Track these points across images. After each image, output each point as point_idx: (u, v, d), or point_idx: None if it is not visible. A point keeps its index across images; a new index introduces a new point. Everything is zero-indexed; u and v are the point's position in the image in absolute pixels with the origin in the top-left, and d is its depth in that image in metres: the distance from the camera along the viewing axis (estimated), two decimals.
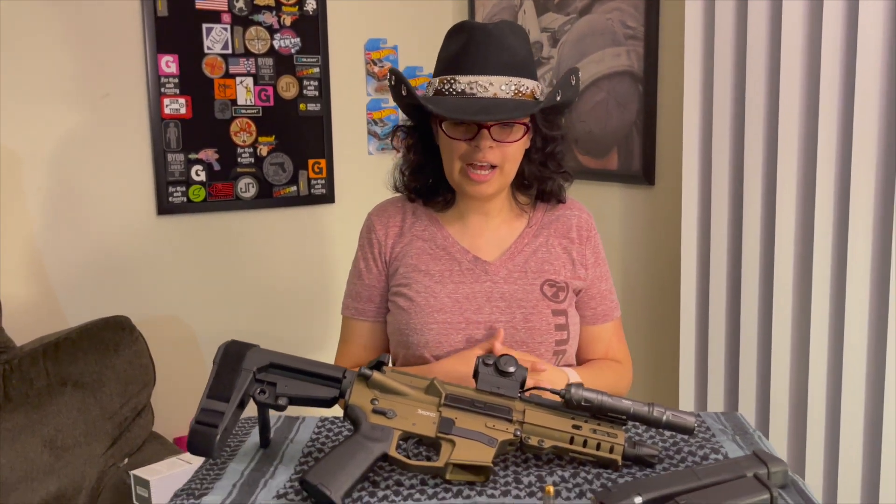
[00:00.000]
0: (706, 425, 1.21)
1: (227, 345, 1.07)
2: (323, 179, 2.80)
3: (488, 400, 1.07)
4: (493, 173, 1.38)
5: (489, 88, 1.33)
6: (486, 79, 1.33)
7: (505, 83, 1.33)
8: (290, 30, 2.68)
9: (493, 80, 1.33)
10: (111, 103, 2.46)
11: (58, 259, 2.43)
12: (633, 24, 2.30)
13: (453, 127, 1.37)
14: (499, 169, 1.38)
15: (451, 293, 1.42)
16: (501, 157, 1.37)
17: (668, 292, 2.24)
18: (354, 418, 1.04)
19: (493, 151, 1.36)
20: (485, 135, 1.34)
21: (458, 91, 1.34)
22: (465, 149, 1.37)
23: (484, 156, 1.35)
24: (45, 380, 2.04)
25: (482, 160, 1.35)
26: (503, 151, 1.37)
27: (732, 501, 0.91)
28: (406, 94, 1.38)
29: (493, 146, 1.35)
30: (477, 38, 1.35)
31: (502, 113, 1.31)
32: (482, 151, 1.35)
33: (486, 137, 1.34)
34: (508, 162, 1.39)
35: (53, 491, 1.98)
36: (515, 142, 1.37)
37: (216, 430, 1.00)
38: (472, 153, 1.36)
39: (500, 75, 1.33)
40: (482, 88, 1.33)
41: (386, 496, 0.99)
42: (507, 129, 1.36)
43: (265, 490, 1.02)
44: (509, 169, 1.40)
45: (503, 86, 1.33)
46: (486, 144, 1.34)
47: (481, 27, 1.36)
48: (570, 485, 1.01)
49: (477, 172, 1.37)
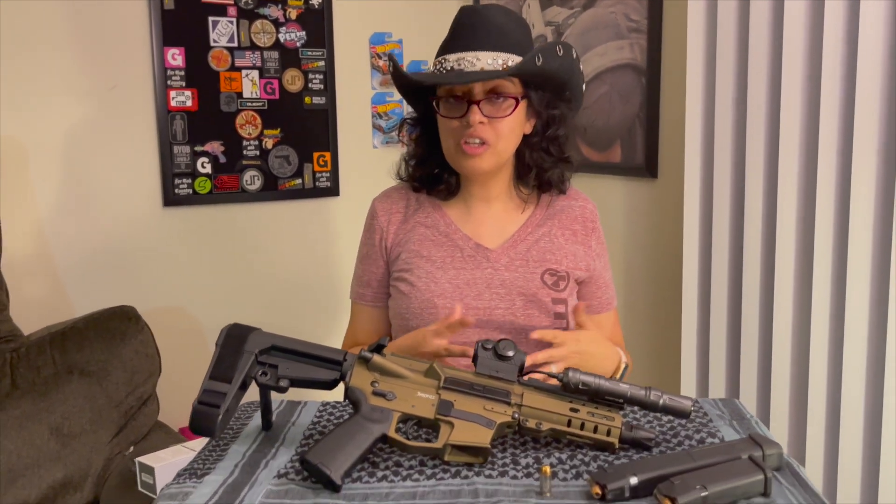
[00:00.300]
0: (703, 410, 1.22)
1: (229, 328, 1.09)
2: (328, 172, 2.81)
3: (487, 383, 1.08)
4: (485, 149, 1.39)
5: (476, 63, 1.35)
6: (472, 54, 1.35)
7: (492, 58, 1.34)
8: (296, 23, 2.70)
9: (479, 56, 1.35)
10: (118, 95, 2.48)
11: (65, 250, 2.45)
12: (637, 17, 2.30)
13: (446, 106, 1.40)
14: (492, 146, 1.39)
15: (451, 279, 1.44)
16: (494, 133, 1.38)
17: (670, 283, 2.25)
18: (355, 400, 1.06)
19: (484, 128, 1.37)
20: (474, 109, 1.36)
21: (448, 69, 1.37)
22: (458, 126, 1.39)
23: (475, 131, 1.37)
24: (52, 368, 2.05)
25: (473, 135, 1.37)
26: (495, 128, 1.38)
27: (727, 482, 0.92)
28: (394, 71, 1.42)
29: (485, 122, 1.37)
30: (464, 19, 1.39)
31: (478, 76, 1.33)
32: (473, 127, 1.36)
33: (475, 112, 1.36)
34: (501, 139, 1.39)
35: (60, 478, 2.00)
36: (505, 117, 1.38)
37: (218, 411, 1.01)
38: (463, 129, 1.38)
39: (487, 51, 1.35)
40: (469, 63, 1.35)
41: (385, 476, 1.01)
42: (496, 104, 1.38)
43: (266, 470, 1.03)
44: (503, 147, 1.41)
45: (490, 60, 1.34)
46: (475, 119, 1.36)
47: (471, 8, 1.40)
48: (567, 466, 1.02)
49: (470, 146, 1.38)
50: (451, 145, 1.41)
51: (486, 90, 1.37)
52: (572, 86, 1.46)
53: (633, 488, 0.93)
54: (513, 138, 1.42)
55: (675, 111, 2.20)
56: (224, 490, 0.98)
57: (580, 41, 2.48)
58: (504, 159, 1.44)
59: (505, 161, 1.44)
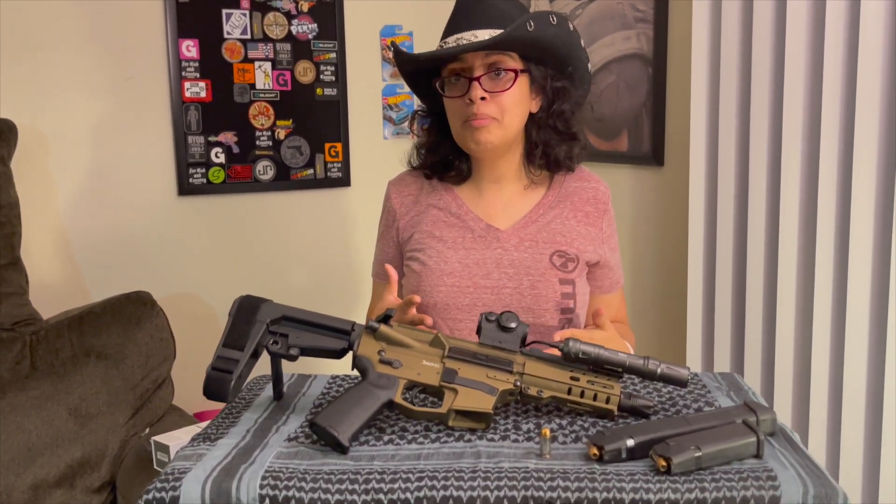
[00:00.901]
0: (702, 383, 1.25)
1: (241, 298, 1.13)
2: (339, 163, 2.86)
3: (490, 353, 1.12)
4: (491, 122, 1.41)
5: (473, 40, 1.38)
6: (470, 33, 1.39)
7: (489, 34, 1.37)
8: (308, 16, 2.74)
9: (477, 33, 1.38)
10: (134, 86, 2.53)
11: (82, 237, 2.50)
12: (643, 7, 2.33)
13: (449, 86, 1.43)
14: (498, 121, 1.42)
15: (462, 258, 1.47)
16: (498, 109, 1.41)
17: (675, 267, 2.28)
18: (362, 368, 1.10)
19: (487, 104, 1.40)
20: (475, 85, 1.39)
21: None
22: (462, 104, 1.42)
23: (478, 107, 1.40)
24: (70, 351, 2.11)
25: (477, 111, 1.40)
26: (498, 103, 1.41)
27: (720, 443, 0.95)
28: (395, 53, 1.46)
29: (487, 97, 1.40)
30: (462, 2, 1.43)
31: (469, 46, 1.36)
32: (476, 103, 1.39)
33: (475, 88, 1.39)
34: (507, 113, 1.42)
35: (78, 457, 2.05)
36: (506, 90, 1.41)
37: (231, 376, 1.06)
38: (468, 108, 1.41)
39: (483, 28, 1.38)
40: (467, 41, 1.39)
41: (391, 440, 1.05)
42: (496, 79, 1.41)
43: (277, 434, 1.08)
44: (508, 121, 1.43)
45: (487, 35, 1.37)
46: (476, 94, 1.39)
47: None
48: (567, 431, 1.06)
49: (476, 119, 1.41)
50: (459, 125, 1.44)
51: (485, 65, 1.40)
52: (574, 60, 1.47)
53: (629, 450, 0.96)
54: (518, 112, 1.44)
55: (681, 100, 2.23)
56: (237, 452, 1.02)
57: (588, 31, 2.51)
58: (511, 134, 1.45)
59: (512, 136, 1.46)
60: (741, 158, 1.96)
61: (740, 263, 1.98)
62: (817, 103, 1.77)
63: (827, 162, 1.75)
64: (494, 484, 0.92)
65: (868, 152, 1.67)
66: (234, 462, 0.99)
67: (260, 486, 0.93)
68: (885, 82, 1.64)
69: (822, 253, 1.77)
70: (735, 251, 1.99)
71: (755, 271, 1.92)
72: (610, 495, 0.90)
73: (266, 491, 0.93)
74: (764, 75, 1.86)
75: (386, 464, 0.97)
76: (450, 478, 0.93)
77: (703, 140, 2.03)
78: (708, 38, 1.99)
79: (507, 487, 0.91)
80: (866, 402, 1.71)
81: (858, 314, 1.71)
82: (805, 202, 1.82)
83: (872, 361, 1.71)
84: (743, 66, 1.93)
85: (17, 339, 2.08)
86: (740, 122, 1.95)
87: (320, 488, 0.92)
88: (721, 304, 2.01)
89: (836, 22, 1.70)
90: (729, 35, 1.93)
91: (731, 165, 1.97)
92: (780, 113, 1.85)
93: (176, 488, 0.93)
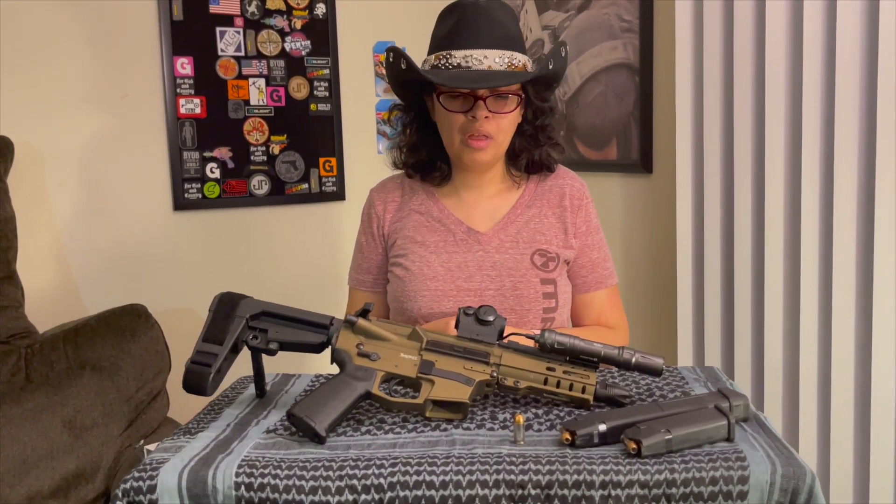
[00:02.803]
0: (680, 374, 1.26)
1: (221, 295, 1.15)
2: (334, 177, 2.88)
3: (467, 345, 1.13)
4: (489, 142, 1.44)
5: (483, 61, 1.39)
6: (480, 52, 1.39)
7: (499, 56, 1.39)
8: (301, 33, 2.78)
9: (487, 54, 1.39)
10: (129, 103, 2.57)
11: (79, 252, 2.53)
12: (629, 17, 2.36)
13: (450, 100, 1.44)
14: (494, 139, 1.44)
15: (444, 262, 1.49)
16: (496, 128, 1.44)
17: (665, 272, 2.29)
18: (340, 361, 1.11)
19: (488, 122, 1.42)
20: (481, 105, 1.41)
21: (455, 65, 1.40)
22: (463, 121, 1.43)
23: (481, 126, 1.42)
24: (65, 363, 2.12)
25: (479, 130, 1.42)
26: (498, 123, 1.44)
27: (690, 426, 0.96)
28: (406, 67, 1.42)
29: (490, 117, 1.42)
30: (469, 15, 1.42)
31: (499, 81, 1.38)
32: (479, 122, 1.41)
33: (482, 108, 1.41)
34: (502, 133, 1.45)
35: (73, 469, 2.06)
36: (510, 112, 1.43)
37: (210, 370, 1.07)
38: (469, 125, 1.43)
39: (493, 49, 1.40)
40: (477, 61, 1.39)
41: (369, 430, 1.06)
42: (501, 100, 1.43)
43: (256, 427, 1.09)
44: (503, 140, 1.46)
45: (497, 58, 1.39)
46: (482, 115, 1.41)
47: (473, 4, 1.43)
48: (543, 420, 1.07)
49: (476, 140, 1.43)
50: (457, 139, 1.45)
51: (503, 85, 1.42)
52: (561, 79, 1.53)
53: (601, 434, 0.97)
54: (512, 131, 1.49)
55: (668, 108, 2.25)
56: (215, 444, 1.03)
57: (576, 43, 2.54)
58: (503, 151, 1.50)
59: (503, 152, 1.51)
60: (726, 165, 1.98)
61: (728, 266, 1.99)
62: (798, 109, 1.80)
63: (809, 165, 1.77)
64: (467, 469, 0.93)
65: (849, 155, 1.69)
66: (212, 453, 1.00)
67: (236, 473, 0.94)
68: (863, 89, 1.67)
69: (806, 253, 1.79)
70: (722, 254, 2.00)
71: (742, 273, 1.93)
72: (580, 477, 0.91)
73: (242, 479, 0.94)
74: (746, 82, 1.89)
75: (361, 452, 0.98)
76: (423, 464, 0.94)
77: (689, 147, 2.05)
78: (691, 46, 2.01)
79: (479, 472, 0.92)
80: (854, 397, 1.72)
81: (844, 312, 1.72)
82: (789, 205, 1.84)
83: (859, 358, 1.72)
84: (725, 74, 1.96)
85: (13, 352, 2.10)
86: (724, 129, 1.98)
87: (295, 475, 0.94)
88: (710, 307, 2.02)
89: (814, 29, 1.73)
90: (711, 43, 1.95)
91: (716, 171, 1.99)
92: (763, 119, 1.87)
93: (153, 477, 0.95)
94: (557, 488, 0.91)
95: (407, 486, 0.92)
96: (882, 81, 1.61)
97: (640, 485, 0.90)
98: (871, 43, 1.65)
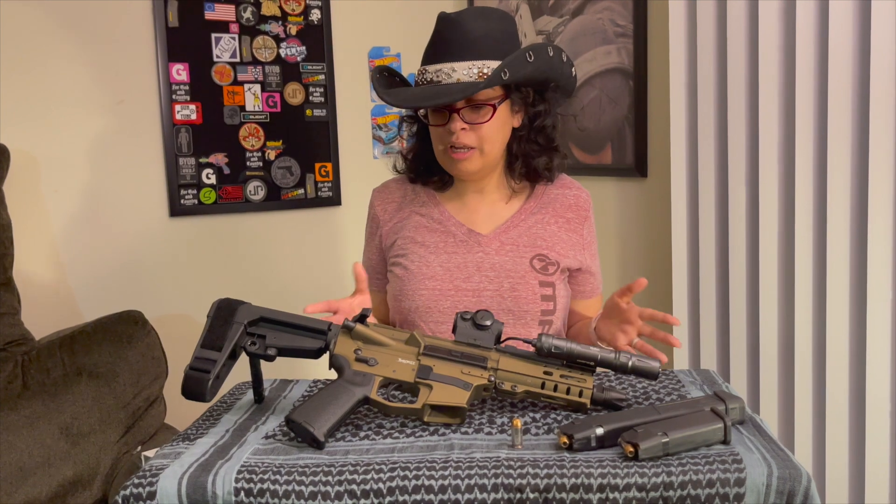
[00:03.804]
0: (677, 378, 1.26)
1: (219, 301, 1.16)
2: (329, 182, 2.89)
3: (465, 350, 1.13)
4: (471, 153, 1.45)
5: (452, 74, 1.40)
6: (448, 65, 1.40)
7: (467, 67, 1.39)
8: (296, 39, 2.79)
9: (455, 66, 1.40)
10: (125, 110, 2.57)
11: (75, 258, 2.53)
12: (623, 22, 2.38)
13: (431, 115, 1.46)
14: (477, 150, 1.45)
15: (443, 263, 1.50)
16: (477, 139, 1.44)
17: (661, 275, 2.30)
18: (338, 366, 1.11)
19: (467, 134, 1.43)
20: (455, 118, 1.42)
21: (427, 80, 1.43)
22: (444, 132, 1.45)
23: (458, 138, 1.43)
24: (62, 370, 2.12)
25: (457, 142, 1.43)
26: (477, 133, 1.44)
27: (687, 429, 0.97)
28: (376, 88, 1.49)
29: (467, 128, 1.43)
30: (441, 28, 1.43)
31: (445, 97, 1.37)
32: (456, 134, 1.42)
33: (456, 120, 1.42)
34: (486, 143, 1.45)
35: (70, 476, 2.05)
36: (485, 122, 1.43)
37: (209, 376, 1.08)
38: (449, 136, 1.44)
39: (462, 61, 1.39)
40: (446, 75, 1.40)
41: (367, 435, 1.06)
42: (476, 110, 1.43)
43: (255, 433, 1.09)
44: (488, 149, 1.46)
45: (465, 70, 1.39)
46: (456, 126, 1.42)
47: (446, 17, 1.43)
48: (540, 423, 1.08)
49: (456, 152, 1.45)
50: (441, 150, 1.48)
51: (465, 98, 1.42)
52: (556, 77, 1.48)
53: (598, 438, 0.98)
54: (498, 139, 1.48)
55: (662, 112, 2.26)
56: (214, 450, 1.03)
57: (570, 48, 2.55)
58: (492, 160, 1.49)
59: (494, 161, 1.50)
60: (720, 168, 1.99)
61: (723, 269, 2.00)
62: (791, 112, 1.81)
63: (803, 168, 1.78)
64: (465, 473, 0.93)
65: (842, 158, 1.71)
66: (212, 459, 1.00)
67: (235, 479, 0.95)
68: (856, 92, 1.68)
69: (800, 256, 1.80)
70: (717, 258, 2.01)
71: (737, 276, 1.94)
72: (578, 481, 0.91)
73: (241, 484, 0.94)
74: (740, 86, 1.90)
75: (360, 457, 0.99)
76: (422, 468, 0.94)
77: (684, 151, 2.06)
78: (685, 50, 2.02)
79: (478, 476, 0.93)
80: (849, 398, 1.73)
81: (838, 314, 1.73)
82: (783, 208, 1.85)
83: (854, 360, 1.73)
84: (719, 78, 1.97)
85: (9, 359, 2.10)
86: (718, 133, 1.99)
87: (294, 480, 0.94)
88: (706, 310, 2.03)
89: (807, 33, 1.74)
90: (705, 47, 1.96)
91: (710, 175, 2.00)
92: (757, 122, 1.88)
93: (153, 484, 0.95)
94: (555, 492, 0.91)
95: (406, 491, 0.92)
96: (875, 85, 1.63)
97: (637, 488, 0.91)
98: (863, 47, 1.66)
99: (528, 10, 2.75)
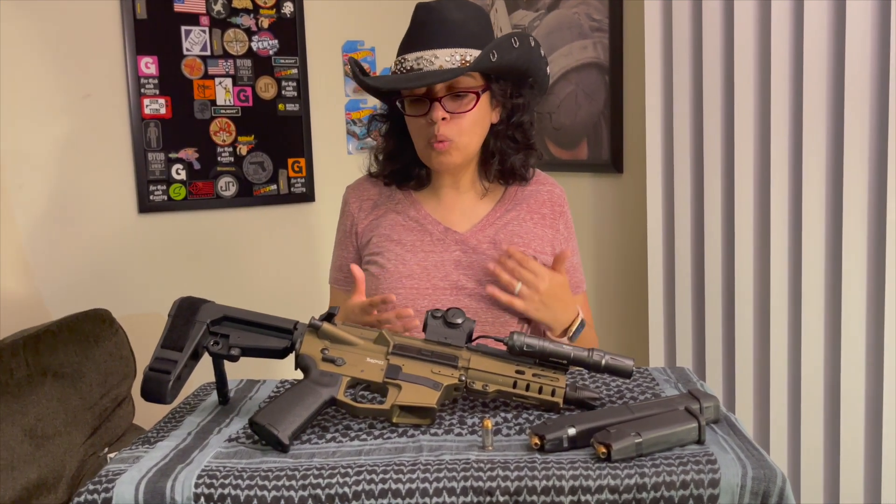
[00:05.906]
0: (651, 376, 1.24)
1: (181, 299, 1.12)
2: (303, 178, 2.85)
3: (435, 349, 1.11)
4: (450, 144, 1.42)
5: (434, 62, 1.38)
6: (430, 53, 1.38)
7: (450, 55, 1.37)
8: (268, 32, 2.74)
9: (437, 53, 1.37)
10: (92, 104, 2.51)
11: (41, 256, 2.47)
12: (598, 16, 2.36)
13: (410, 105, 1.43)
14: (455, 142, 1.43)
15: (420, 261, 1.47)
16: (457, 130, 1.42)
17: (637, 271, 2.29)
18: (305, 367, 1.08)
19: (447, 124, 1.40)
20: (436, 107, 1.39)
21: (408, 68, 1.40)
22: (424, 124, 1.42)
23: (438, 129, 1.40)
24: (26, 370, 2.07)
25: (438, 133, 1.40)
26: (458, 124, 1.41)
27: (661, 429, 0.95)
28: (354, 77, 1.46)
29: (448, 118, 1.40)
30: (420, 17, 1.41)
31: (434, 78, 1.36)
32: (437, 125, 1.40)
33: (437, 109, 1.39)
34: (464, 134, 1.42)
35: (34, 478, 2.00)
36: (467, 112, 1.41)
37: (169, 377, 1.04)
38: (430, 127, 1.41)
39: (444, 48, 1.37)
40: (428, 62, 1.38)
41: (334, 437, 1.03)
42: (458, 99, 1.41)
43: (218, 436, 1.06)
44: (466, 142, 1.44)
45: (448, 57, 1.37)
46: (438, 115, 1.39)
47: (426, 5, 1.42)
48: (512, 424, 1.05)
49: (438, 144, 1.42)
50: (422, 144, 1.45)
51: (446, 87, 1.40)
52: (534, 72, 1.47)
53: (570, 438, 0.95)
54: (478, 131, 1.45)
55: (638, 107, 2.25)
56: (174, 454, 1.00)
57: (546, 42, 2.53)
58: (471, 152, 1.47)
59: (473, 153, 1.48)
60: (696, 163, 1.98)
61: (698, 266, 1.99)
62: (766, 107, 1.80)
63: (778, 164, 1.77)
64: (434, 476, 0.90)
65: (817, 153, 1.70)
66: (171, 463, 0.97)
67: (195, 484, 0.91)
68: (830, 87, 1.67)
69: (776, 253, 1.79)
70: (693, 254, 2.00)
71: (713, 273, 1.93)
72: (549, 483, 0.89)
73: (201, 490, 0.91)
74: (715, 81, 1.89)
75: (325, 460, 0.95)
76: (389, 471, 0.91)
77: (660, 147, 2.05)
78: (660, 45, 2.01)
79: (447, 479, 0.90)
80: (824, 397, 1.72)
81: (813, 312, 1.72)
82: (758, 204, 1.84)
83: (829, 359, 1.72)
84: (695, 73, 1.96)
85: None
86: (694, 128, 1.97)
87: (257, 485, 0.91)
88: (681, 307, 2.02)
89: (782, 28, 1.73)
90: (680, 42, 1.95)
91: (686, 171, 1.99)
92: (732, 118, 1.87)
93: (108, 490, 0.91)
94: (526, 494, 0.89)
95: (372, 495, 0.89)
96: (849, 80, 1.62)
97: (609, 490, 0.89)
98: (838, 42, 1.66)
99: (504, 4, 2.72)
